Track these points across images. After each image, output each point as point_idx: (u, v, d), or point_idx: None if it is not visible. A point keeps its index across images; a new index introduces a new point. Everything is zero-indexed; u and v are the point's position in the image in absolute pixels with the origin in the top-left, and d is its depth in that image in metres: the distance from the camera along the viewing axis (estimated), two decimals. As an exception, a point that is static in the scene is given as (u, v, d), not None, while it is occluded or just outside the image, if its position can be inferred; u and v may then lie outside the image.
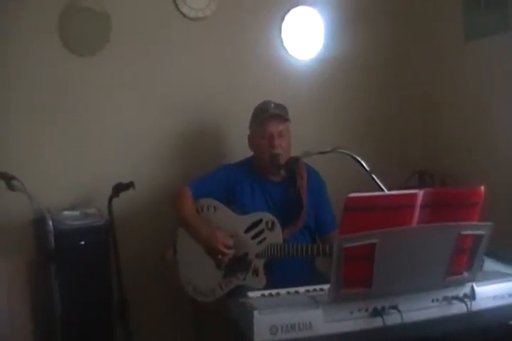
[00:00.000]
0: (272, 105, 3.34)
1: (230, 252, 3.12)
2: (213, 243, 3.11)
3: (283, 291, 2.35)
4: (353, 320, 2.09)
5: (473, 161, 3.80)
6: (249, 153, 3.43)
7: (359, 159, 2.76)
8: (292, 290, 2.36)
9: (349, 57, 4.08)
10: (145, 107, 3.78)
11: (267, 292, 2.35)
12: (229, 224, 3.21)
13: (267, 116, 3.29)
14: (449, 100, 4.08)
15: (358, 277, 2.08)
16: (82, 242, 3.30)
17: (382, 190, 2.65)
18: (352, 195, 2.02)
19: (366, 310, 2.11)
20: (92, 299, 3.26)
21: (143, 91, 3.78)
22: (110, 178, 3.31)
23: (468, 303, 2.20)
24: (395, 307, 2.11)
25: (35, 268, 3.45)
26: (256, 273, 3.07)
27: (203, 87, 3.87)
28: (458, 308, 2.21)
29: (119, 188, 3.23)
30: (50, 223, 3.21)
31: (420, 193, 2.12)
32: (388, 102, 4.22)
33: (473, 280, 2.26)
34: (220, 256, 3.12)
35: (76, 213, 3.44)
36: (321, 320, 2.06)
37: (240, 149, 3.54)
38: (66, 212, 3.43)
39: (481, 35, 3.71)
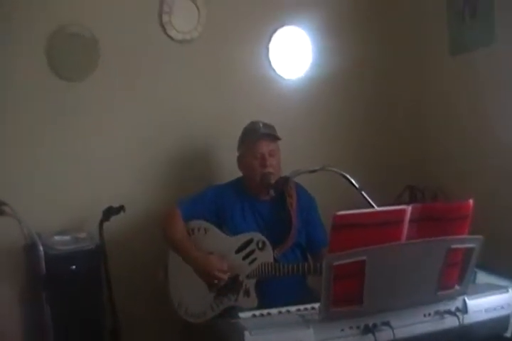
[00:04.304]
0: (261, 125, 3.37)
1: (226, 277, 3.12)
2: (208, 269, 3.12)
3: (274, 311, 2.33)
4: (344, 338, 2.08)
5: (464, 175, 3.78)
6: (239, 174, 3.43)
7: (348, 177, 2.76)
8: (283, 309, 2.34)
9: (337, 75, 4.09)
10: (134, 131, 3.78)
11: (258, 312, 2.33)
12: (220, 245, 3.21)
13: (258, 136, 3.31)
14: (438, 114, 4.08)
15: (348, 295, 2.07)
16: (74, 267, 3.28)
17: (372, 206, 2.65)
18: (340, 212, 2.01)
19: (358, 327, 2.09)
20: (85, 324, 3.24)
21: (132, 116, 3.78)
22: (100, 202, 3.29)
23: (461, 317, 2.19)
24: (386, 324, 2.10)
25: (26, 293, 3.44)
26: (247, 293, 3.07)
27: (192, 109, 3.88)
28: (450, 322, 2.20)
29: (109, 212, 3.21)
30: (41, 248, 3.21)
31: (408, 209, 2.11)
32: (377, 118, 4.23)
33: (464, 293, 2.25)
34: (216, 281, 3.13)
35: (67, 238, 3.41)
36: (312, 339, 2.04)
37: (230, 170, 3.55)
38: (57, 237, 3.40)
39: (466, 48, 3.72)
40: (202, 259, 3.15)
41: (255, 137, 3.31)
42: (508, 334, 2.56)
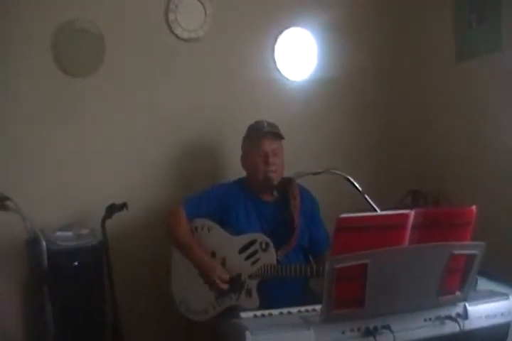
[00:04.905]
0: (265, 124, 3.38)
1: (225, 287, 3.12)
2: (211, 275, 3.13)
3: (275, 312, 2.34)
4: (345, 340, 2.08)
5: (467, 180, 3.79)
6: (243, 173, 3.44)
7: (351, 180, 2.77)
8: (285, 310, 2.35)
9: (342, 77, 4.11)
10: (138, 128, 3.80)
11: (259, 312, 2.34)
12: (223, 244, 3.22)
13: (262, 134, 3.32)
14: (442, 120, 4.09)
15: (350, 297, 2.07)
16: (76, 263, 3.28)
17: (375, 210, 2.66)
18: (343, 215, 2.02)
19: (358, 330, 2.10)
20: (86, 320, 3.25)
21: (136, 113, 3.80)
22: (103, 199, 3.29)
23: (461, 323, 2.20)
24: (387, 327, 2.10)
25: (28, 288, 3.43)
26: (249, 293, 3.07)
27: (196, 108, 3.89)
28: (450, 328, 2.20)
29: (112, 209, 3.21)
30: (44, 243, 3.21)
31: (412, 213, 2.12)
32: (381, 122, 4.23)
33: (465, 299, 2.26)
34: (215, 286, 3.15)
35: (69, 234, 3.41)
36: (313, 340, 2.05)
37: (234, 169, 3.56)
38: (59, 233, 3.40)
39: (472, 55, 3.72)
40: (206, 264, 3.17)
41: (259, 135, 3.33)
42: (507, 341, 2.57)
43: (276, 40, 4.04)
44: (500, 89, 3.52)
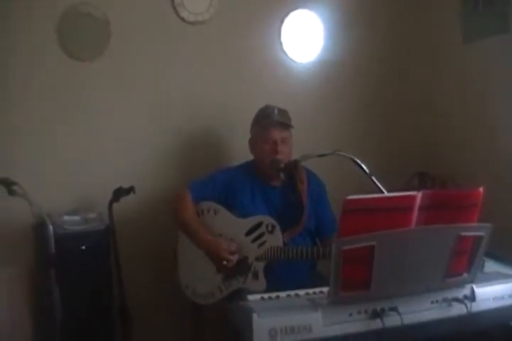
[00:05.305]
0: (276, 111, 3.32)
1: (235, 258, 3.13)
2: (217, 250, 3.12)
3: (283, 294, 2.35)
4: (352, 322, 2.10)
5: (474, 162, 3.78)
6: (250, 157, 3.43)
7: (358, 162, 2.75)
8: (292, 293, 2.36)
9: (348, 59, 4.08)
10: (145, 112, 3.79)
11: (266, 295, 2.35)
12: (229, 227, 3.21)
13: (271, 123, 3.28)
14: (449, 101, 4.07)
15: (357, 279, 2.08)
16: (83, 247, 3.29)
17: (382, 192, 2.65)
18: (350, 197, 2.02)
19: (365, 312, 2.11)
20: (93, 304, 3.27)
21: (142, 97, 3.78)
22: (110, 183, 3.28)
23: (468, 305, 2.21)
24: (394, 309, 2.12)
25: (35, 272, 3.45)
26: (256, 276, 3.08)
27: (202, 90, 3.87)
28: (458, 310, 2.21)
29: (119, 193, 3.21)
30: (51, 228, 3.21)
31: (419, 195, 2.12)
32: (387, 104, 4.21)
33: (472, 281, 2.26)
34: (224, 262, 3.12)
35: (76, 218, 3.43)
36: (320, 322, 2.06)
37: (241, 152, 3.55)
38: (66, 217, 3.42)
39: (479, 36, 3.69)
40: (211, 241, 3.16)
41: (268, 123, 3.29)
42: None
43: (282, 22, 4.01)
44: (508, 70, 3.48)
